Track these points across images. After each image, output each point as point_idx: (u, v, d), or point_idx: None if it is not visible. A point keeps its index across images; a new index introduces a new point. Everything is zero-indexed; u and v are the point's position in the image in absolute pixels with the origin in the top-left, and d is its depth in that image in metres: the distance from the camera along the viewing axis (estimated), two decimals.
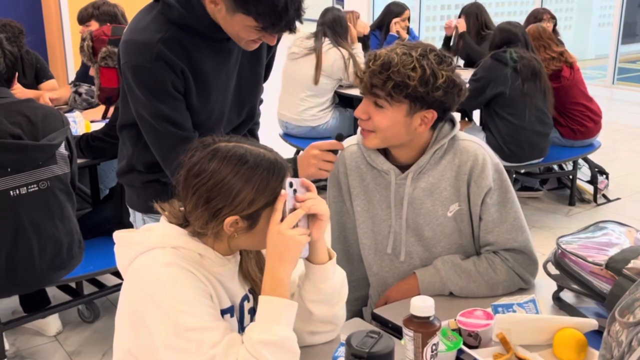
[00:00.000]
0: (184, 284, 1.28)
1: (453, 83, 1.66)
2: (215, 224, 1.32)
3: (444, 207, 1.76)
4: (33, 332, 2.99)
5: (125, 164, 1.97)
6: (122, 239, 1.38)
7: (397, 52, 1.63)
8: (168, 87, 1.72)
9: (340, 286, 1.48)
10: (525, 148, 3.99)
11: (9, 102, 2.40)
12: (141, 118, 1.78)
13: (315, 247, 1.41)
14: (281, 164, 1.36)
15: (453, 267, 1.75)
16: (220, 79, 1.83)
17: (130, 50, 1.72)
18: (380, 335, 1.14)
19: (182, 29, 1.71)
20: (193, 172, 1.32)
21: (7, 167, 2.32)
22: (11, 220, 2.36)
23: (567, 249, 1.63)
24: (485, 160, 1.75)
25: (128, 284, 1.34)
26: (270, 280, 1.32)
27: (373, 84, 1.63)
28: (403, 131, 1.69)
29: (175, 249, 1.33)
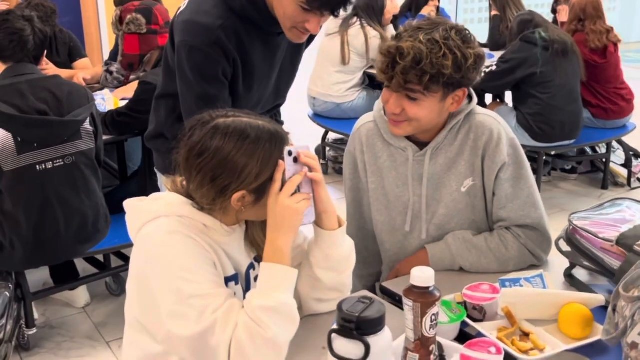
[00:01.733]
0: (187, 251, 1.31)
1: (480, 58, 1.63)
2: (223, 200, 1.34)
3: (458, 183, 1.75)
4: (63, 304, 3.08)
5: (154, 129, 2.03)
6: (132, 208, 1.41)
7: (421, 41, 1.56)
8: (218, 73, 1.77)
9: (349, 254, 1.49)
10: (556, 127, 3.92)
11: (36, 79, 2.47)
12: (183, 97, 1.84)
13: (324, 214, 1.42)
14: (282, 134, 1.37)
15: (464, 243, 1.74)
16: (265, 71, 1.89)
17: (190, 31, 1.76)
18: (372, 300, 1.14)
19: (241, 19, 1.76)
20: (195, 152, 1.32)
21: (34, 142, 2.39)
22: (38, 194, 2.43)
23: (579, 225, 1.61)
24: (501, 134, 1.73)
25: (135, 251, 1.37)
26: (270, 249, 1.33)
27: (408, 80, 1.58)
28: (436, 116, 1.67)
29: (181, 218, 1.35)
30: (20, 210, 2.42)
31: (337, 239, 1.44)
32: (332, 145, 4.78)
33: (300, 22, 1.71)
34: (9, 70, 2.49)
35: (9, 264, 2.51)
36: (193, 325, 1.26)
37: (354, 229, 1.94)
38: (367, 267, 1.97)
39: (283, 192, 1.33)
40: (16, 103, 2.36)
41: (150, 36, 2.97)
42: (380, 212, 1.84)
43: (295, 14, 1.69)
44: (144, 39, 2.96)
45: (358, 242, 1.92)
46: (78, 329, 2.91)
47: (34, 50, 2.55)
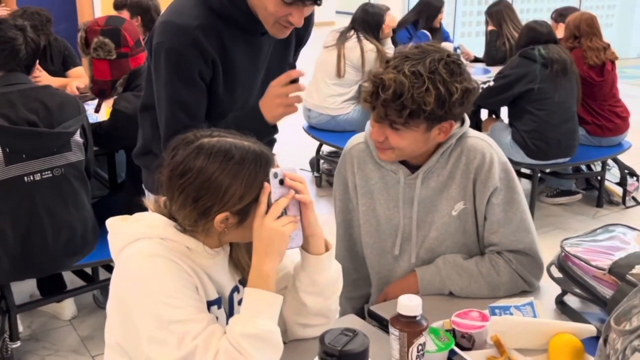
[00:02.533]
0: (168, 275, 1.27)
1: (469, 92, 1.59)
2: (205, 221, 1.31)
3: (449, 206, 1.73)
4: (49, 316, 3.04)
5: (142, 146, 1.99)
6: (114, 228, 1.38)
7: (405, 73, 1.53)
8: (195, 75, 1.73)
9: (336, 279, 1.46)
10: (552, 144, 3.90)
11: (28, 88, 2.44)
12: (159, 98, 1.80)
13: (311, 238, 1.39)
14: (267, 155, 1.34)
15: (454, 267, 1.71)
16: (248, 72, 1.85)
17: (167, 32, 1.73)
18: (355, 333, 1.11)
19: (221, 18, 1.73)
20: (178, 172, 1.29)
21: (22, 154, 2.35)
22: (26, 206, 2.39)
23: (571, 252, 1.58)
24: (493, 158, 1.70)
25: (116, 273, 1.34)
26: (255, 273, 1.30)
27: (387, 114, 1.57)
28: (422, 145, 1.65)
29: (163, 240, 1.32)
30: (7, 222, 2.38)
31: (324, 263, 1.41)
32: (327, 157, 4.75)
33: (282, 16, 1.67)
34: (0, 79, 2.46)
35: None
36: (173, 352, 1.22)
37: (343, 250, 1.91)
38: (356, 290, 1.94)
39: (269, 215, 1.30)
40: (6, 113, 2.33)
41: (122, 60, 2.79)
42: (370, 235, 1.81)
43: (277, 9, 1.65)
44: (115, 63, 2.79)
45: (347, 264, 1.91)
46: (63, 342, 2.86)
47: (26, 60, 2.52)
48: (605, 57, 4.12)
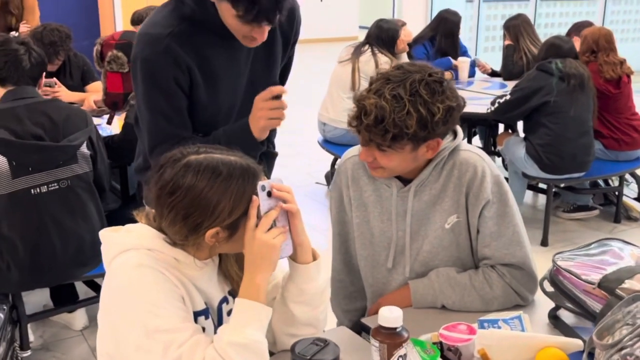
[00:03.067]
0: (153, 285, 1.30)
1: (452, 110, 1.60)
2: (196, 236, 1.33)
3: (442, 219, 1.73)
4: (61, 326, 3.08)
5: (142, 160, 2.00)
6: (105, 238, 1.40)
7: (386, 97, 1.54)
8: (170, 82, 1.75)
9: (324, 289, 1.48)
10: (566, 159, 3.87)
11: (35, 102, 2.50)
12: (139, 108, 1.83)
13: (298, 247, 1.41)
14: (254, 169, 1.36)
15: (448, 280, 1.71)
16: (231, 76, 1.85)
17: (141, 43, 1.76)
18: (326, 343, 1.12)
19: (195, 25, 1.75)
20: (167, 190, 1.31)
21: (28, 167, 2.41)
22: (33, 218, 2.45)
23: (562, 265, 1.57)
24: (485, 172, 1.70)
25: (105, 283, 1.37)
26: (247, 285, 1.33)
27: (371, 138, 1.59)
28: (410, 163, 1.67)
29: (150, 251, 1.34)
30: (15, 233, 2.43)
31: (311, 272, 1.43)
32: None
33: (245, 32, 1.70)
34: (8, 94, 2.53)
35: (5, 285, 2.52)
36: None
37: (339, 263, 1.92)
38: (353, 302, 1.95)
39: (259, 228, 1.32)
40: (13, 127, 2.40)
41: None
42: (364, 247, 1.82)
43: (237, 27, 1.69)
44: (128, 77, 2.87)
45: (344, 277, 1.92)
46: (74, 352, 2.90)
47: (30, 71, 2.58)
48: (622, 71, 4.08)
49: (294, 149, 6.01)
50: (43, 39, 3.80)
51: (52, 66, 3.95)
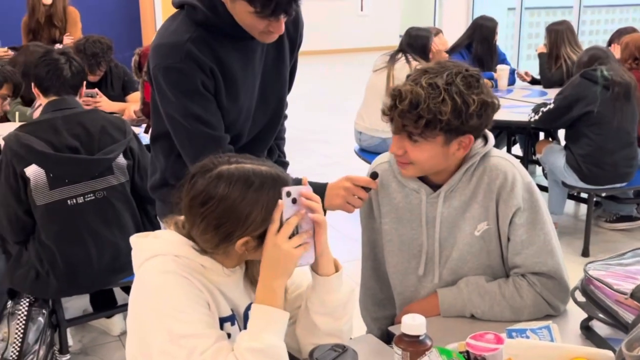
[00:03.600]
0: (179, 290, 1.31)
1: (486, 105, 1.60)
2: (226, 245, 1.35)
3: (472, 226, 1.71)
4: (100, 331, 3.14)
5: (159, 178, 1.97)
6: (135, 244, 1.43)
7: (422, 85, 1.56)
8: (198, 86, 1.74)
9: (347, 300, 1.46)
10: (607, 170, 3.78)
11: (72, 114, 2.57)
12: (171, 119, 1.80)
13: (320, 258, 1.41)
14: (284, 179, 1.37)
15: (477, 289, 1.69)
16: (247, 77, 1.85)
17: (161, 53, 1.75)
18: (344, 349, 1.12)
19: (208, 29, 1.75)
20: (199, 201, 1.32)
21: (65, 179, 2.48)
22: (69, 228, 2.51)
23: (594, 275, 1.54)
24: (515, 178, 1.68)
25: (133, 288, 1.39)
26: (263, 290, 1.33)
27: (404, 124, 1.59)
28: (441, 160, 1.65)
29: (177, 257, 1.35)
30: (53, 242, 2.50)
31: (333, 284, 1.42)
32: None
33: (262, 28, 1.69)
34: (49, 105, 2.61)
35: (45, 291, 2.59)
36: None
37: (368, 270, 1.92)
38: (382, 310, 1.94)
39: (281, 234, 1.33)
40: (50, 139, 2.46)
41: None
42: (392, 255, 1.81)
43: (254, 23, 1.68)
44: None
45: (373, 284, 1.92)
46: (112, 357, 2.95)
47: (72, 79, 2.66)
48: None
49: (332, 159, 6.02)
50: (85, 50, 3.91)
51: (93, 77, 4.06)
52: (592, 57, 3.91)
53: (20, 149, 2.44)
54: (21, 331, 2.49)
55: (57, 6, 5.00)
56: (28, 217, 2.52)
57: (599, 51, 3.97)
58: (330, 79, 10.73)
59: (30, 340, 2.51)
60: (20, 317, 2.52)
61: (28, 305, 2.57)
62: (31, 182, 2.45)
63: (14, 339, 2.47)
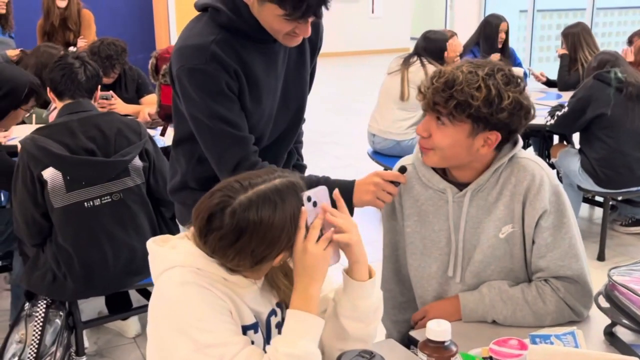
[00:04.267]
0: (200, 301, 1.30)
1: (520, 105, 1.60)
2: (261, 265, 1.34)
3: (496, 228, 1.70)
4: (115, 333, 3.15)
5: (179, 181, 1.96)
6: (152, 252, 1.40)
7: (462, 70, 1.59)
8: (223, 88, 1.73)
9: (377, 307, 1.46)
10: (623, 173, 3.76)
11: (88, 116, 2.58)
12: (196, 120, 1.78)
13: (355, 264, 1.41)
14: (299, 182, 1.36)
15: (499, 293, 1.68)
16: (270, 80, 1.84)
17: (185, 55, 1.74)
18: (372, 355, 1.11)
19: (232, 32, 1.74)
20: (232, 238, 1.28)
21: (81, 181, 2.48)
22: (86, 230, 2.51)
23: (618, 280, 1.52)
24: (543, 180, 1.67)
25: (153, 299, 1.37)
26: (301, 296, 1.33)
27: (435, 102, 1.60)
28: (464, 152, 1.64)
29: (199, 270, 1.33)
30: (69, 244, 2.50)
31: (366, 290, 1.42)
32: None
33: (288, 30, 1.69)
34: (65, 108, 2.62)
35: (62, 294, 2.59)
36: None
37: (389, 272, 1.91)
38: (402, 313, 1.93)
39: (309, 239, 1.33)
40: (66, 142, 2.47)
41: None
42: (414, 257, 1.80)
43: (281, 26, 1.67)
44: None
45: (394, 287, 1.91)
46: (126, 359, 2.96)
47: (86, 83, 2.67)
48: None
49: (345, 161, 6.02)
50: (100, 53, 3.92)
51: (108, 79, 4.07)
52: (601, 62, 3.90)
53: (37, 152, 2.45)
54: (38, 333, 2.49)
55: (72, 9, 5.02)
56: (45, 220, 2.53)
57: (608, 55, 3.95)
58: (341, 80, 10.73)
59: (47, 342, 2.51)
60: (37, 319, 2.52)
61: (45, 307, 2.57)
62: (48, 184, 2.45)
63: (31, 341, 2.48)
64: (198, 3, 1.80)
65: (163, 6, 5.90)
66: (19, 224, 2.57)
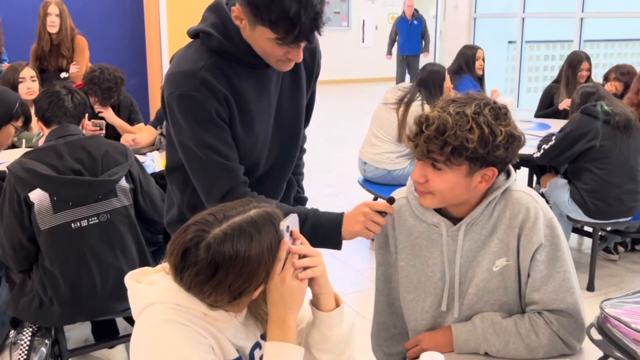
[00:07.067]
0: (180, 339, 1.27)
1: (513, 137, 1.59)
2: (240, 299, 1.32)
3: (490, 262, 1.69)
4: None
5: (176, 213, 1.92)
6: (130, 288, 1.38)
7: (450, 112, 1.56)
8: (212, 115, 1.71)
9: (348, 335, 1.44)
10: (612, 204, 3.78)
11: (75, 140, 2.59)
12: (185, 148, 1.75)
13: (321, 296, 1.40)
14: (276, 214, 1.34)
15: (492, 326, 1.67)
16: (262, 106, 1.82)
17: (175, 81, 1.72)
18: None
19: (223, 56, 1.73)
20: (208, 273, 1.26)
21: (69, 201, 2.47)
22: (73, 252, 2.49)
23: (611, 313, 1.52)
24: (538, 214, 1.66)
25: (134, 338, 1.34)
26: (278, 326, 1.32)
27: (430, 150, 1.57)
28: (463, 192, 1.63)
29: (178, 306, 1.31)
30: (56, 267, 2.48)
31: (334, 319, 1.40)
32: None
33: (280, 55, 1.68)
34: (52, 133, 2.63)
35: (49, 319, 2.56)
36: None
37: (382, 305, 1.90)
38: (395, 345, 1.91)
39: (287, 269, 1.32)
40: (53, 163, 2.48)
41: None
42: (409, 291, 1.79)
43: (273, 50, 1.66)
44: None
45: (386, 319, 1.89)
46: None
47: (74, 110, 2.69)
48: None
49: (336, 189, 6.02)
50: (100, 84, 3.94)
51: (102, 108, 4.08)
52: (583, 95, 3.95)
53: (24, 174, 2.44)
54: None
55: (65, 35, 5.01)
56: (32, 244, 2.51)
57: (589, 88, 4.02)
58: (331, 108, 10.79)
59: None
60: (22, 346, 2.49)
61: (31, 335, 2.54)
62: (35, 206, 2.44)
63: None
64: (190, 30, 1.80)
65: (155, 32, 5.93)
66: (5, 250, 2.55)
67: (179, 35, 1.87)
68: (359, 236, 1.74)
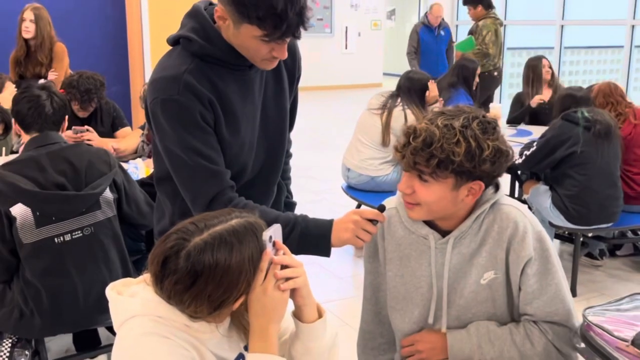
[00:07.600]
0: (162, 353, 1.26)
1: (500, 152, 1.58)
2: (221, 311, 1.30)
3: (478, 275, 1.69)
4: None
5: (168, 223, 1.89)
6: (112, 301, 1.36)
7: (437, 125, 1.56)
8: (197, 119, 1.69)
9: (331, 346, 1.44)
10: (593, 210, 3.81)
11: (57, 149, 2.53)
12: (170, 153, 1.73)
13: (304, 307, 1.39)
14: (258, 224, 1.34)
15: (487, 334, 1.67)
16: (247, 109, 1.82)
17: (158, 86, 1.71)
18: None
19: (205, 60, 1.72)
20: (187, 282, 1.25)
21: (52, 216, 2.43)
22: (56, 265, 2.45)
23: (593, 321, 1.53)
24: (526, 228, 1.66)
25: (115, 351, 1.33)
26: (260, 337, 1.31)
27: (416, 162, 1.57)
28: (450, 204, 1.63)
29: (159, 318, 1.30)
30: (38, 280, 2.45)
31: (317, 331, 1.40)
32: None
33: (264, 54, 1.68)
34: (32, 141, 2.57)
35: (30, 331, 2.53)
36: None
37: (369, 314, 1.90)
38: (381, 354, 1.91)
39: (269, 280, 1.31)
40: (35, 177, 2.42)
41: None
42: (396, 301, 1.79)
43: (258, 48, 1.66)
44: None
45: (374, 328, 1.90)
46: None
47: (53, 115, 2.62)
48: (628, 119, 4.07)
49: (320, 195, 6.01)
50: (79, 87, 3.90)
51: (84, 113, 4.05)
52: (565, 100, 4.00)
53: (5, 188, 2.39)
54: None
55: (43, 42, 4.96)
56: (12, 257, 2.47)
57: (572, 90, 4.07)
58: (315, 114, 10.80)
59: None
60: (2, 358, 2.45)
61: (10, 346, 2.51)
62: (17, 221, 2.40)
63: None
64: (170, 37, 1.79)
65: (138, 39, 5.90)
66: None
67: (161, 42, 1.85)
68: (348, 244, 1.73)
